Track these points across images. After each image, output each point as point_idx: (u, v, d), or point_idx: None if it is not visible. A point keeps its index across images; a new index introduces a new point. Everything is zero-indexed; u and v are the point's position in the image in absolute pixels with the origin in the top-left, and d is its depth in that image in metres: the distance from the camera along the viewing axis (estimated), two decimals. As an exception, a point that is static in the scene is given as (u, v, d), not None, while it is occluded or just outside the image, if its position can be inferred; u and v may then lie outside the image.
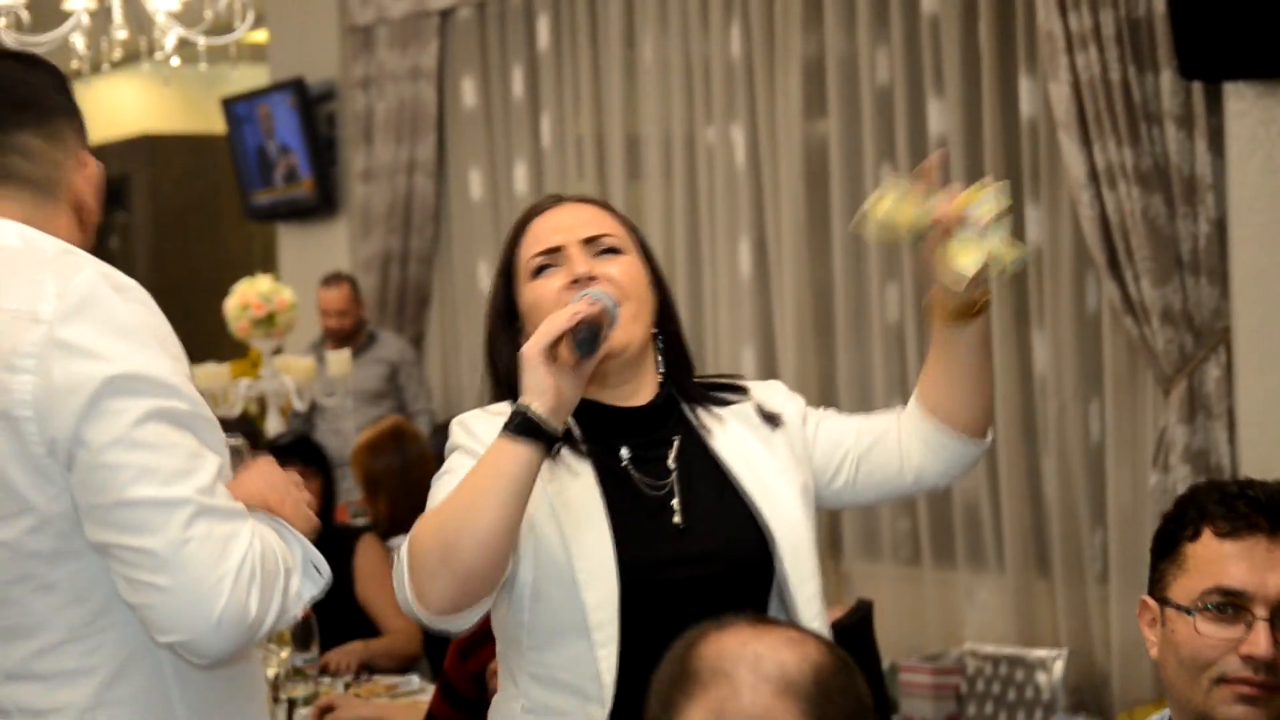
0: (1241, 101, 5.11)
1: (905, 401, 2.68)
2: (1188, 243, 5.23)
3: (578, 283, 2.46)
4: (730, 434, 2.55)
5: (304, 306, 7.66)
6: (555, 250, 2.51)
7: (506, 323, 2.55)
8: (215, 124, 9.16)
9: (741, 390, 2.62)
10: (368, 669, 4.62)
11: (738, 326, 6.69)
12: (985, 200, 2.45)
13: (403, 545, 2.33)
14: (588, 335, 2.29)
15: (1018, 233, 5.70)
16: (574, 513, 2.41)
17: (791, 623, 2.15)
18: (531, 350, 2.28)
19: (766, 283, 6.63)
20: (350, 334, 7.60)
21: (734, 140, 6.69)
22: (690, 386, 2.59)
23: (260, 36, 9.02)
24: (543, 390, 2.27)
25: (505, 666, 2.51)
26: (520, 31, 7.56)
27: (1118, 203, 5.26)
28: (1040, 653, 5.60)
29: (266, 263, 9.21)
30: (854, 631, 4.11)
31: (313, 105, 8.36)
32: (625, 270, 2.50)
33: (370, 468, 5.49)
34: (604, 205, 2.61)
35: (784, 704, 1.72)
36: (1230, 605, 2.26)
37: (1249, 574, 2.25)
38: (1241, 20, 4.91)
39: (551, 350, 2.27)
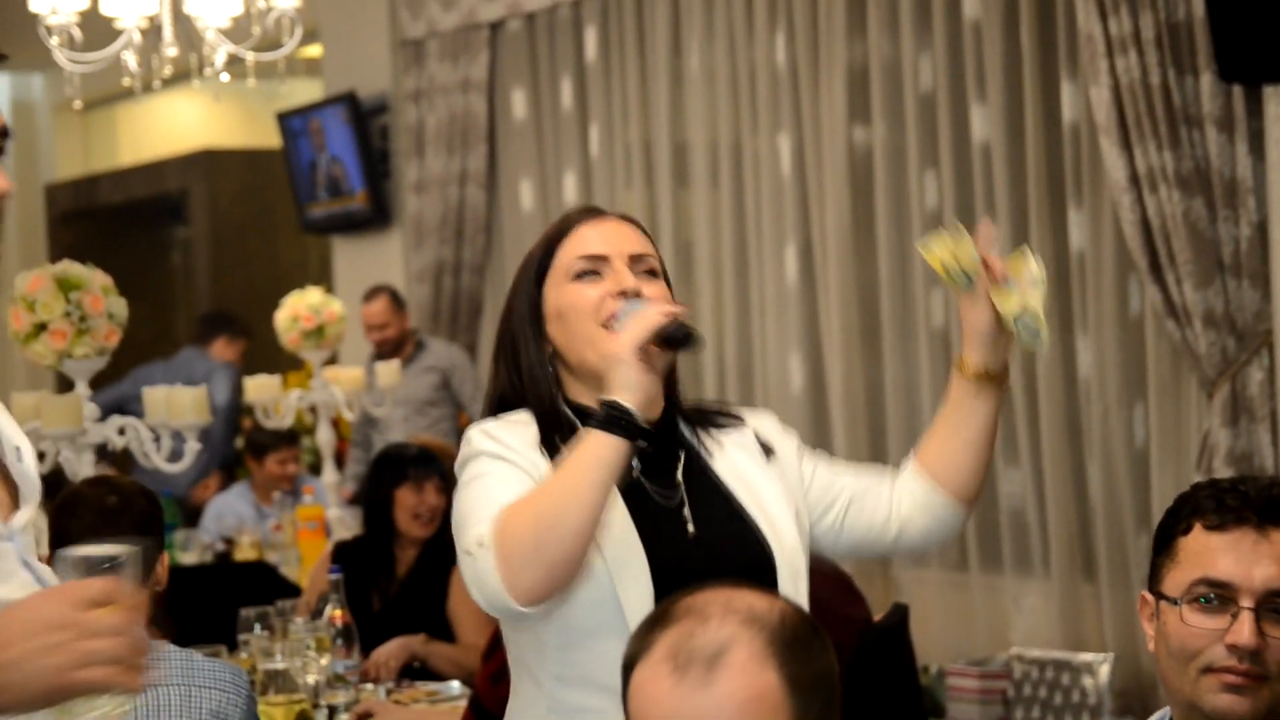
0: (1282, 104, 5.10)
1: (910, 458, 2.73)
2: (1229, 245, 5.22)
3: (624, 294, 2.50)
4: (729, 457, 2.59)
5: (355, 318, 7.74)
6: (601, 258, 2.54)
7: (535, 324, 2.57)
8: (272, 138, 9.26)
9: (737, 418, 2.66)
10: (411, 674, 4.65)
11: (784, 333, 6.71)
12: (1028, 265, 2.54)
13: (481, 540, 2.36)
14: (683, 333, 2.36)
15: (1060, 237, 5.72)
16: (606, 517, 2.44)
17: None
18: (624, 347, 2.34)
19: (813, 289, 6.65)
20: (397, 345, 7.66)
21: (780, 147, 6.72)
22: (684, 405, 2.64)
23: (314, 51, 9.12)
24: (635, 387, 2.33)
25: (523, 669, 2.52)
26: (569, 42, 7.61)
27: (1159, 206, 5.26)
28: (1086, 657, 5.60)
29: (323, 275, 9.29)
30: (891, 634, 4.13)
31: (366, 118, 8.45)
32: (663, 294, 2.55)
33: None
34: (640, 227, 2.64)
35: (749, 632, 1.78)
36: (1217, 596, 2.29)
37: (1235, 566, 2.29)
38: (1281, 22, 4.91)
39: (643, 348, 2.33)
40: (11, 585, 2.00)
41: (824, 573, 4.64)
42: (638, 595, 2.42)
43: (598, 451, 2.32)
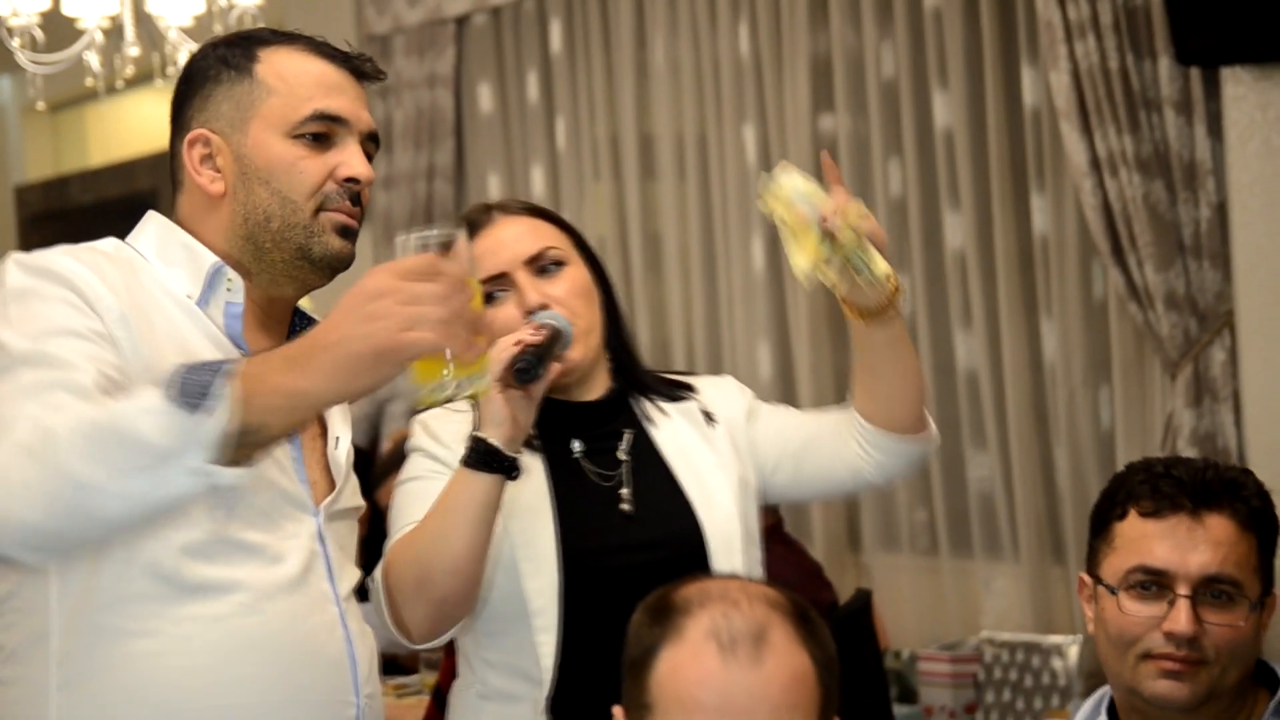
0: (1239, 86, 5.13)
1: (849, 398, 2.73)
2: (1189, 227, 5.25)
3: (530, 311, 2.51)
4: (673, 428, 2.62)
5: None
6: (501, 276, 2.53)
7: None
8: (240, 136, 9.24)
9: (688, 388, 2.67)
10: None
11: (753, 322, 6.73)
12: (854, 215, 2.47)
13: (377, 572, 2.40)
14: (528, 363, 2.33)
15: (1023, 221, 5.74)
16: (520, 505, 2.48)
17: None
18: None
19: (780, 278, 6.67)
20: None
21: (745, 138, 6.74)
22: (640, 378, 2.65)
23: (281, 48, 9.09)
24: (499, 420, 2.34)
25: (462, 653, 2.59)
26: (534, 35, 7.62)
27: (1119, 190, 5.29)
28: (1056, 639, 5.62)
29: (294, 272, 9.27)
30: (853, 619, 4.16)
31: (333, 115, 8.43)
32: (572, 284, 2.55)
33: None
34: (536, 211, 2.63)
35: (779, 615, 1.81)
36: (1153, 583, 2.31)
37: (1171, 553, 2.31)
38: (1237, 6, 4.93)
39: (504, 379, 2.32)
40: (296, 560, 2.14)
41: (794, 560, 4.68)
42: (542, 584, 2.45)
43: (468, 491, 2.34)
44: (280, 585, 2.12)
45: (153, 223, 2.28)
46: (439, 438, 2.51)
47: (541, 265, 2.55)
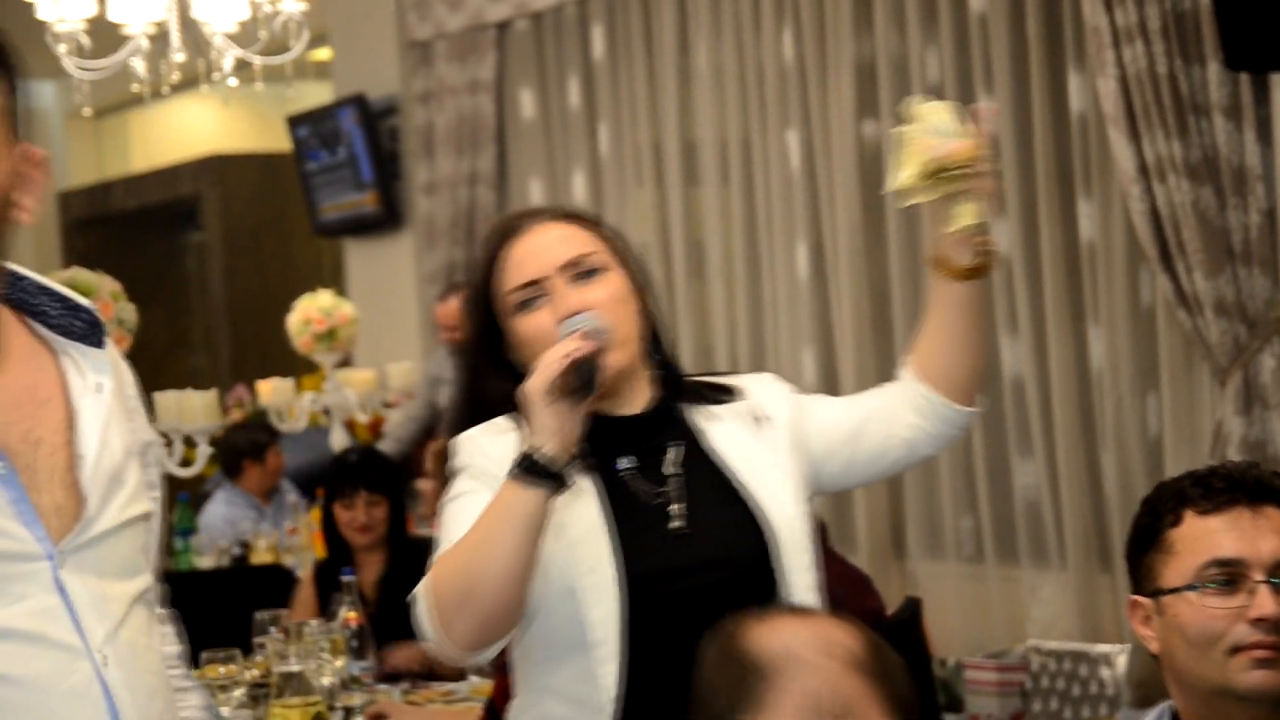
0: (1289, 91, 5.09)
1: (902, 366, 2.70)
2: (1239, 234, 5.21)
3: (566, 317, 2.44)
4: (726, 431, 2.56)
5: (369, 321, 7.74)
6: (536, 283, 2.49)
7: (492, 350, 2.54)
8: (283, 142, 9.28)
9: (733, 390, 2.63)
10: (426, 675, 4.66)
11: (797, 329, 6.71)
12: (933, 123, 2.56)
13: (418, 592, 2.37)
14: (584, 376, 2.29)
15: (1069, 228, 5.71)
16: (577, 530, 2.43)
17: (810, 608, 2.18)
18: (535, 393, 2.29)
19: (824, 285, 6.65)
20: None
21: (789, 144, 6.72)
22: (684, 387, 2.60)
23: (323, 54, 9.12)
24: (550, 431, 2.28)
25: (520, 675, 2.54)
26: (576, 41, 7.61)
27: (1168, 196, 5.25)
28: (1104, 648, 5.59)
29: (336, 277, 9.31)
30: (903, 627, 4.14)
31: (375, 120, 8.46)
32: (611, 291, 2.49)
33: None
34: (574, 218, 2.57)
35: (861, 680, 1.78)
36: (1228, 576, 2.29)
37: (1240, 542, 2.29)
38: (1287, 10, 4.90)
39: (555, 391, 2.28)
40: (24, 624, 1.90)
41: (840, 570, 4.66)
42: (604, 613, 2.41)
43: (515, 504, 2.29)
44: (11, 660, 1.86)
45: None
46: (487, 454, 2.47)
47: (578, 272, 2.49)
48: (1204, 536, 2.31)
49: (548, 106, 7.79)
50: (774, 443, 2.56)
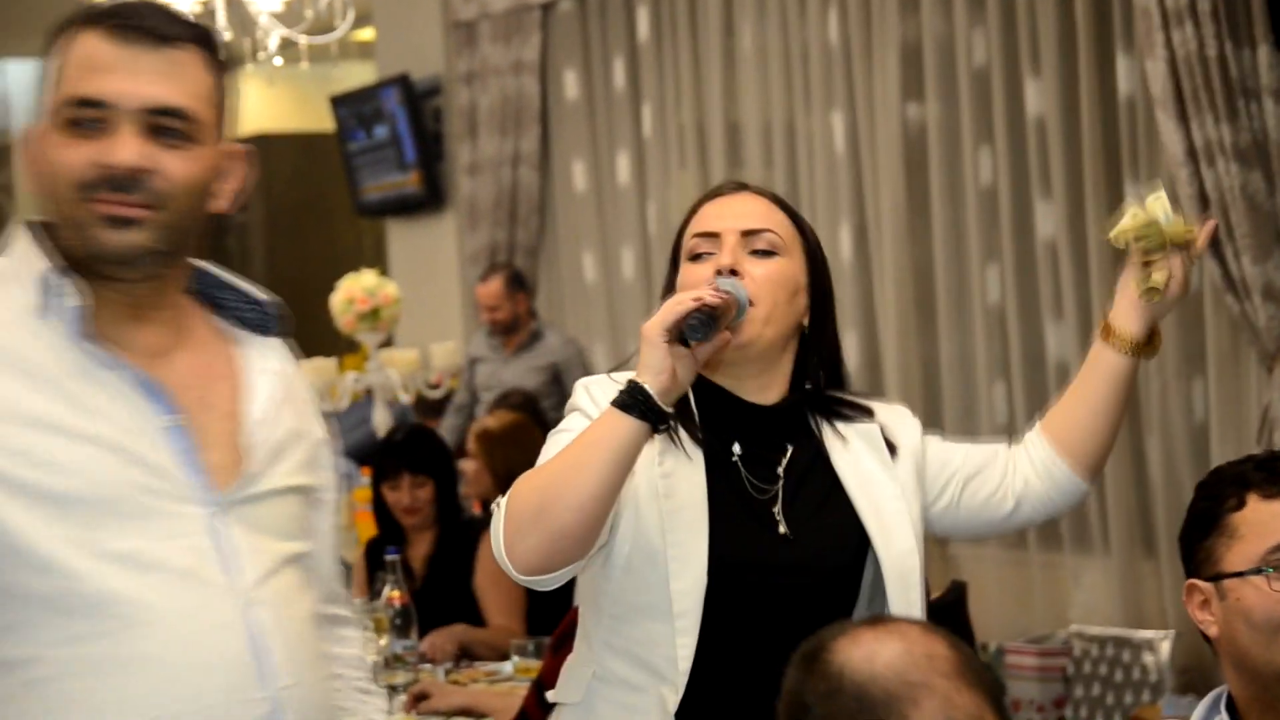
0: (1341, 74, 5.05)
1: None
2: (1288, 218, 5.18)
3: (720, 273, 2.47)
4: (853, 453, 2.56)
5: (411, 301, 7.74)
6: (713, 236, 2.52)
7: (669, 290, 2.56)
8: (326, 122, 9.29)
9: (867, 410, 2.62)
10: (466, 655, 4.67)
11: (840, 311, 6.56)
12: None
13: (499, 501, 2.37)
14: (700, 321, 2.29)
15: (1117, 210, 5.70)
16: (678, 499, 2.44)
17: (892, 617, 2.15)
18: (651, 329, 2.30)
19: (868, 267, 6.63)
20: (508, 327, 7.52)
21: (833, 125, 6.70)
22: (824, 397, 2.59)
23: (367, 34, 9.13)
24: (658, 370, 2.29)
25: (583, 629, 2.55)
26: (620, 22, 7.60)
27: (1216, 180, 5.21)
28: (1147, 634, 5.56)
29: (377, 258, 9.33)
30: (949, 611, 4.12)
31: (419, 101, 8.46)
32: (774, 273, 2.50)
33: (492, 459, 5.52)
34: (779, 201, 2.59)
35: (970, 688, 1.76)
36: None
37: None
38: (1339, -8, 4.86)
39: (672, 330, 2.29)
40: (177, 561, 2.06)
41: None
42: (688, 585, 2.41)
43: (610, 431, 2.29)
44: (158, 590, 2.03)
45: (15, 235, 2.14)
46: (597, 401, 2.48)
47: (755, 245, 2.50)
48: (1270, 520, 2.30)
49: (592, 87, 7.78)
50: (900, 475, 2.56)
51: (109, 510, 2.02)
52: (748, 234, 2.51)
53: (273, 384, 2.21)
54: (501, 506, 2.35)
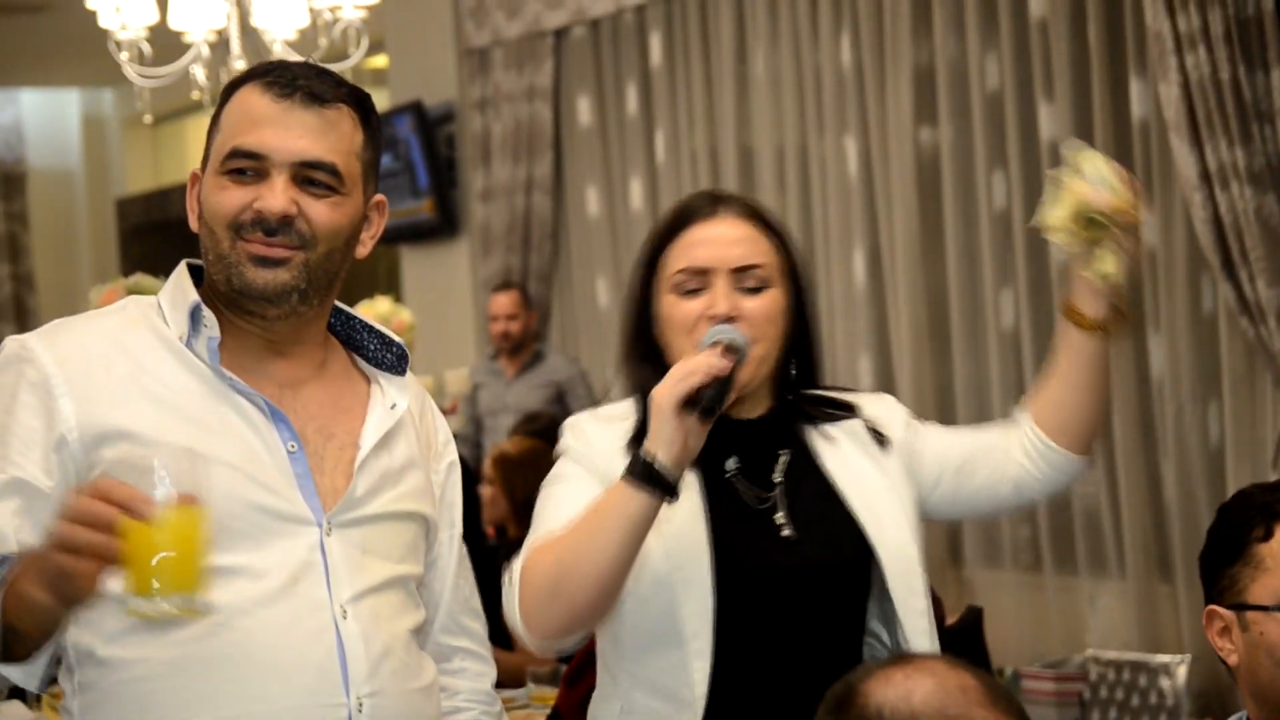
0: (1354, 97, 5.05)
1: (1021, 408, 2.70)
2: (1302, 241, 5.17)
3: (714, 319, 2.46)
4: (841, 452, 2.56)
5: (425, 327, 7.75)
6: (703, 273, 2.50)
7: (643, 323, 2.57)
8: (339, 149, 9.28)
9: (850, 407, 2.62)
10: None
11: (854, 335, 6.69)
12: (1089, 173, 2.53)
13: (514, 568, 2.38)
14: (715, 394, 2.28)
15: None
16: (676, 524, 2.44)
17: (914, 654, 2.13)
18: (664, 400, 2.28)
19: (881, 291, 6.63)
20: (516, 345, 7.62)
21: (846, 150, 6.70)
22: (803, 400, 2.60)
23: (380, 61, 9.15)
24: (671, 442, 2.28)
25: (604, 663, 2.56)
26: (633, 48, 7.62)
27: (1230, 203, 5.21)
28: (1164, 658, 5.54)
29: (392, 284, 9.33)
30: (964, 637, 4.11)
31: (432, 127, 8.48)
32: (767, 308, 2.49)
33: (510, 485, 5.50)
34: (761, 221, 2.56)
35: (1002, 717, 1.75)
36: None
37: None
38: (1352, 15, 4.86)
39: (683, 402, 2.28)
40: (281, 573, 2.21)
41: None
42: (697, 608, 2.42)
43: (624, 505, 2.29)
44: (257, 600, 2.19)
45: (178, 268, 2.38)
46: (590, 442, 2.49)
47: (746, 281, 2.49)
48: None
49: (605, 113, 7.80)
50: (889, 467, 2.57)
51: (225, 526, 2.13)
52: (737, 270, 2.50)
53: (392, 418, 2.35)
54: (514, 577, 2.36)
